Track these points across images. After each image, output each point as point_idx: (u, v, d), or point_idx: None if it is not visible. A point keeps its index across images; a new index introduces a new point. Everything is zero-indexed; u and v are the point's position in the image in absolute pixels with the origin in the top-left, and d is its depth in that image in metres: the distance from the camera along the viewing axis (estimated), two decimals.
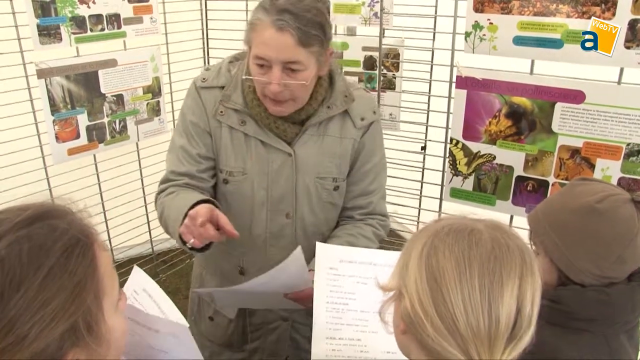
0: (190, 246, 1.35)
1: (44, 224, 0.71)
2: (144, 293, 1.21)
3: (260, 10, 1.35)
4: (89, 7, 2.43)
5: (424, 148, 2.52)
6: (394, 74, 2.57)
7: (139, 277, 1.25)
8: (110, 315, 0.75)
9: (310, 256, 1.38)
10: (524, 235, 1.27)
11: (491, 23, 1.88)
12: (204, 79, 1.52)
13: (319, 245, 1.33)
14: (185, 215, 1.33)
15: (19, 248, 0.67)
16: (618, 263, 1.16)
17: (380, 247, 1.64)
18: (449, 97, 2.13)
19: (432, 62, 2.45)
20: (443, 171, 2.22)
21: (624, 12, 1.67)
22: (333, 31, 2.61)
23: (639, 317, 1.22)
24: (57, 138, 2.46)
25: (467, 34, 1.93)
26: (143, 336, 1.13)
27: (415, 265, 0.84)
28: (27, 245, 0.68)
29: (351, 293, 1.28)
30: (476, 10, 1.90)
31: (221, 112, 1.49)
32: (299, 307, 1.47)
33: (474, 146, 2.06)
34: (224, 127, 1.50)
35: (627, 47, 1.69)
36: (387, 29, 2.42)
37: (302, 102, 1.46)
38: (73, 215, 0.76)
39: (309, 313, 1.74)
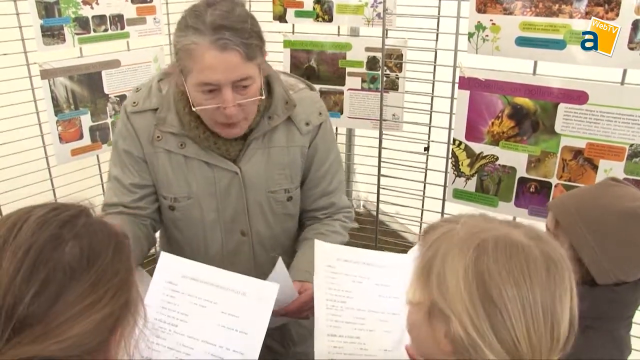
0: None
1: (96, 217, 0.82)
2: (186, 279, 1.21)
3: (190, 33, 1.24)
4: (92, 7, 2.43)
5: (426, 149, 2.52)
6: (397, 75, 2.57)
7: (170, 264, 1.23)
8: None
9: (269, 270, 1.29)
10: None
11: (494, 24, 1.88)
12: (134, 102, 1.43)
13: (317, 243, 1.30)
14: None
15: (93, 227, 0.78)
16: None
17: (384, 249, 1.64)
18: (452, 98, 2.12)
19: (435, 62, 2.44)
20: (446, 172, 2.21)
21: (628, 12, 1.66)
22: (336, 32, 2.62)
23: (635, 311, 1.23)
24: (60, 139, 2.46)
25: (470, 35, 1.93)
26: (219, 302, 1.17)
27: (462, 285, 0.79)
28: (98, 227, 0.79)
29: (348, 291, 1.26)
30: (479, 10, 1.89)
31: (158, 137, 1.40)
32: (286, 320, 1.42)
33: (476, 147, 2.06)
34: (160, 153, 1.42)
35: (631, 48, 1.68)
36: (390, 30, 2.42)
37: (252, 118, 1.38)
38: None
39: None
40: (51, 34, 2.32)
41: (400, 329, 1.21)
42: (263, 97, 1.34)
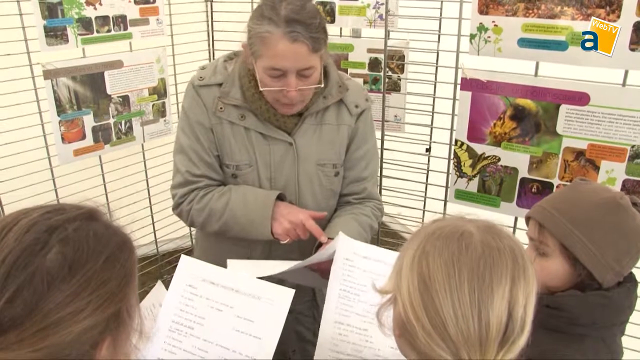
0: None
1: (100, 221, 0.80)
2: (205, 283, 1.23)
3: (266, 22, 1.38)
4: (95, 8, 2.44)
5: (428, 150, 2.52)
6: (399, 76, 2.57)
7: (191, 267, 1.25)
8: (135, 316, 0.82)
9: (309, 244, 1.51)
10: (524, 237, 1.28)
11: (496, 25, 1.89)
12: (201, 77, 1.56)
13: (341, 236, 1.34)
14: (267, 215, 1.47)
15: (86, 233, 0.74)
16: (634, 259, 1.18)
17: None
18: (454, 99, 2.13)
19: (437, 64, 2.45)
20: (448, 173, 2.22)
21: (629, 14, 1.67)
22: (338, 33, 2.63)
23: (629, 318, 1.23)
24: (63, 139, 2.47)
25: (472, 36, 1.94)
26: (235, 307, 1.18)
27: (408, 270, 0.85)
28: (92, 232, 0.75)
29: (363, 285, 1.28)
30: (481, 12, 1.90)
31: (220, 108, 1.53)
32: (317, 282, 1.51)
33: (478, 148, 2.06)
34: (224, 123, 1.55)
35: (632, 49, 1.69)
36: (392, 31, 2.42)
37: (308, 99, 1.52)
38: (118, 224, 0.85)
39: (312, 305, 1.76)
40: (54, 35, 2.33)
41: None
42: (322, 86, 1.49)
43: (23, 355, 0.66)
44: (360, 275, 1.31)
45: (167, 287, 1.35)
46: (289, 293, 1.19)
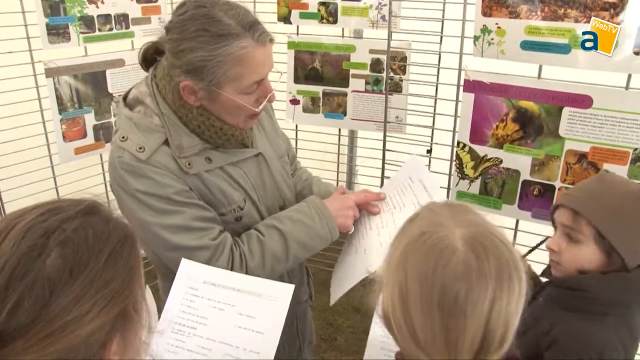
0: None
1: (100, 215, 0.76)
2: (206, 285, 1.23)
3: (231, 40, 1.21)
4: (97, 7, 2.44)
5: (429, 151, 2.52)
6: (401, 77, 2.57)
7: (192, 270, 1.25)
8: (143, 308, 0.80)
9: None
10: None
11: (499, 27, 1.89)
12: (140, 148, 1.27)
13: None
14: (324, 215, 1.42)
15: (85, 232, 0.72)
16: None
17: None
18: (457, 101, 2.13)
19: (439, 65, 2.45)
20: (450, 174, 2.22)
21: (633, 17, 1.67)
22: (340, 34, 2.63)
23: None
24: (64, 137, 2.47)
25: (475, 38, 1.94)
26: (237, 305, 1.19)
27: (392, 272, 0.86)
28: (91, 231, 0.72)
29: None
30: (484, 14, 1.90)
31: (188, 164, 1.31)
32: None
33: (480, 150, 2.06)
34: (201, 176, 1.35)
35: (636, 53, 1.69)
36: (394, 32, 2.42)
37: None
38: (118, 215, 0.81)
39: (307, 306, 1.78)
40: (56, 33, 2.33)
41: None
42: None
43: None
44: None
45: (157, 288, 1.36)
46: (289, 288, 1.19)
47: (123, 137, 1.29)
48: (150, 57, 1.39)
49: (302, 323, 1.71)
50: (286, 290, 1.19)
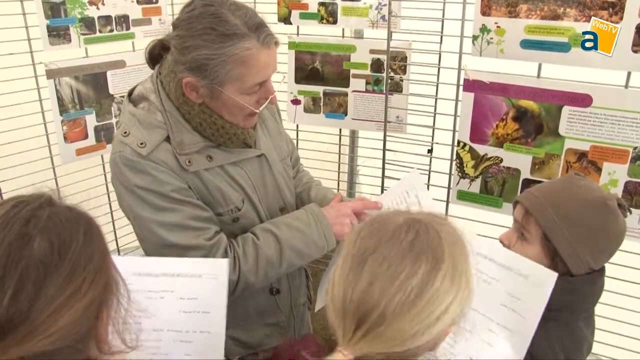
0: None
1: (60, 205, 0.81)
2: (140, 277, 1.19)
3: (236, 40, 1.21)
4: (98, 8, 2.44)
5: (430, 151, 2.52)
6: (401, 77, 2.58)
7: (120, 264, 1.23)
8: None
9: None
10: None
11: (498, 26, 1.89)
12: (141, 143, 1.28)
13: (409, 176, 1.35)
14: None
15: (57, 218, 0.77)
16: (607, 257, 1.23)
17: None
18: (457, 100, 2.13)
19: (439, 65, 2.45)
20: (450, 174, 2.22)
21: (632, 16, 1.67)
22: (341, 34, 2.63)
23: (594, 306, 1.27)
24: (65, 138, 2.47)
25: (475, 37, 1.94)
26: (175, 290, 1.17)
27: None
28: (62, 216, 0.77)
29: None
30: (484, 13, 1.90)
31: (188, 162, 1.31)
32: None
33: (481, 149, 2.07)
34: (201, 174, 1.34)
35: (635, 51, 1.69)
36: (394, 32, 2.43)
37: None
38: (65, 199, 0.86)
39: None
40: (57, 34, 2.33)
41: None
42: None
43: (38, 343, 0.69)
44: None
45: None
46: (224, 262, 1.18)
47: (125, 133, 1.31)
48: (156, 55, 1.39)
49: (299, 325, 1.70)
50: (222, 265, 1.18)
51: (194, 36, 1.22)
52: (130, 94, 1.39)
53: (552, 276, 1.12)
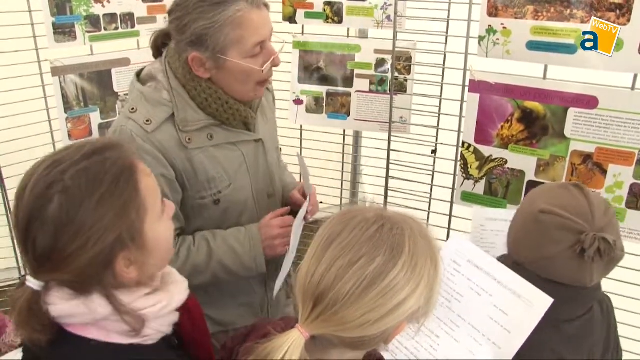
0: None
1: (99, 157, 0.91)
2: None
3: (229, 4, 1.30)
4: (103, 6, 2.44)
5: (434, 151, 2.52)
6: (405, 77, 2.57)
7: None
8: (153, 225, 0.95)
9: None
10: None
11: (505, 28, 1.89)
12: (147, 120, 1.35)
13: (455, 238, 1.35)
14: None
15: (79, 178, 0.88)
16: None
17: None
18: (462, 101, 2.13)
19: (444, 65, 2.45)
20: (454, 174, 2.22)
21: (639, 18, 1.66)
22: (345, 33, 2.63)
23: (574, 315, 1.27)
24: (70, 136, 2.47)
25: (481, 38, 1.94)
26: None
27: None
28: (85, 176, 0.89)
29: (460, 295, 1.28)
30: (490, 14, 1.90)
31: (189, 139, 1.38)
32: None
33: (485, 150, 2.06)
34: (195, 155, 1.40)
35: None
36: (399, 32, 2.42)
37: None
38: (122, 148, 0.95)
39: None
40: (62, 32, 2.33)
41: None
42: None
43: (62, 275, 0.89)
44: (461, 282, 1.29)
45: None
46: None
47: (132, 109, 1.38)
48: (160, 45, 1.47)
49: (275, 308, 1.73)
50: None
51: (189, 13, 1.32)
52: (138, 74, 1.47)
53: (547, 300, 1.17)
